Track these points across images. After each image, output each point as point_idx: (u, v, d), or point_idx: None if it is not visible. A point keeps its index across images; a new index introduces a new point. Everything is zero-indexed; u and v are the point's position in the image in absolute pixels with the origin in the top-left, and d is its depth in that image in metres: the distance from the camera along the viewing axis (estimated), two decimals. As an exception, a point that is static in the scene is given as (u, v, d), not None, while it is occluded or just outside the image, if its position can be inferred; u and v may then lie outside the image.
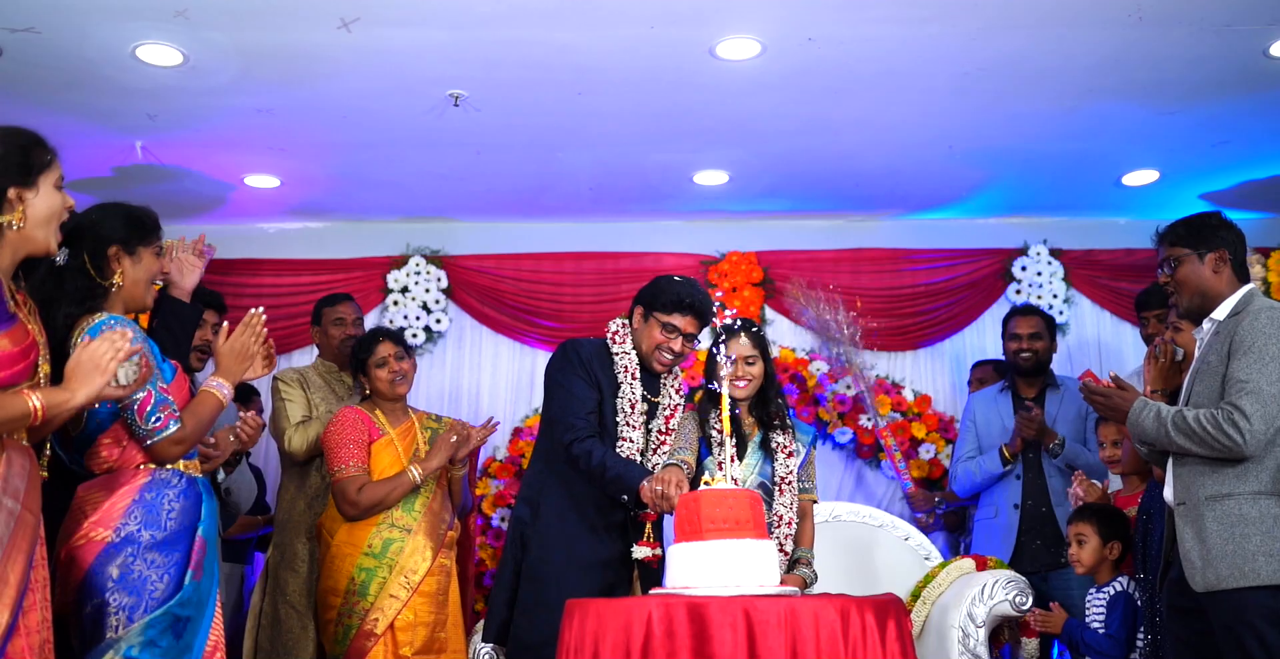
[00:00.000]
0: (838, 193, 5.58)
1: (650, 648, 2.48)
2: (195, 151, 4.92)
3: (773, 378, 3.57)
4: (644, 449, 3.55)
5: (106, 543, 2.42)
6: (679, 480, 3.13)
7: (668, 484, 3.10)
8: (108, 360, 2.20)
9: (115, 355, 2.20)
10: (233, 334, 2.73)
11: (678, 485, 3.09)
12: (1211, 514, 2.81)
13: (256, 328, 2.73)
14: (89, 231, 2.61)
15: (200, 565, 2.49)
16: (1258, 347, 2.80)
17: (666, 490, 3.09)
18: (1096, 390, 3.09)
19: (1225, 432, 2.76)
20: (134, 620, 2.37)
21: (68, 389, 2.18)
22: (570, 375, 3.51)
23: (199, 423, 2.59)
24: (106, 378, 2.20)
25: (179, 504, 2.51)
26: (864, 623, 2.53)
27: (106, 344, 2.21)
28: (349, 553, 3.67)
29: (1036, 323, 4.73)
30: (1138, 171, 5.39)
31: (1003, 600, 3.83)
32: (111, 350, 2.21)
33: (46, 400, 2.14)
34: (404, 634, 3.61)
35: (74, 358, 2.21)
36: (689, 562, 2.73)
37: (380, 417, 3.84)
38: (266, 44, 3.97)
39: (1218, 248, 3.00)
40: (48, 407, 2.14)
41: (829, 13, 3.85)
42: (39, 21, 3.77)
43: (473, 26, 3.88)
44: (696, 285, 3.60)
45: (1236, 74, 4.33)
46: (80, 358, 2.20)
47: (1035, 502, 4.54)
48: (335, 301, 4.49)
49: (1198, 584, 2.81)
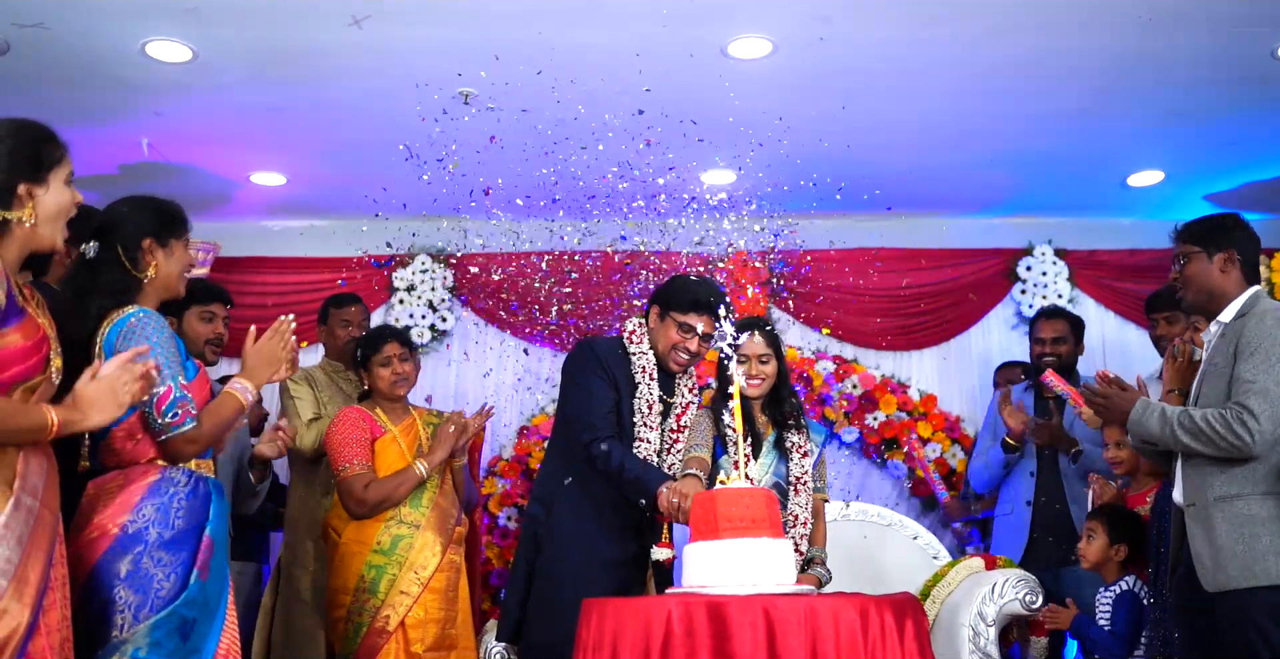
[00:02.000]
0: (845, 193, 5.57)
1: (670, 647, 2.46)
2: (202, 149, 4.91)
3: (785, 377, 3.57)
4: (660, 449, 3.54)
5: (115, 539, 2.40)
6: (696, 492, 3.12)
7: (684, 498, 3.10)
8: (124, 391, 2.22)
9: (131, 385, 2.22)
10: (261, 339, 2.72)
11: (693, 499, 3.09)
12: (1221, 515, 2.82)
13: (286, 334, 2.72)
14: (122, 225, 2.60)
15: (207, 566, 2.47)
16: (1264, 348, 2.81)
17: (683, 504, 3.08)
18: (1096, 392, 3.09)
19: (1234, 431, 2.77)
20: (140, 620, 2.35)
21: (80, 410, 2.19)
22: (589, 374, 3.50)
23: (217, 423, 2.57)
24: (122, 409, 2.23)
25: (187, 503, 2.49)
26: (883, 622, 2.52)
27: (126, 374, 2.23)
28: (358, 551, 3.65)
29: (1061, 326, 4.69)
30: (1143, 172, 5.40)
31: (1013, 599, 3.83)
32: (130, 378, 2.22)
33: (63, 418, 2.16)
34: (415, 631, 3.60)
35: (86, 382, 2.22)
36: (706, 560, 2.72)
37: (381, 415, 3.83)
38: (276, 41, 3.96)
39: (1227, 248, 3.01)
40: (63, 424, 2.16)
41: (840, 13, 3.85)
42: (48, 17, 3.76)
43: (484, 25, 3.87)
44: (714, 285, 3.60)
45: (1243, 76, 4.34)
46: (100, 385, 2.21)
47: (1049, 498, 4.52)
48: (343, 303, 4.48)
49: (1209, 585, 2.82)
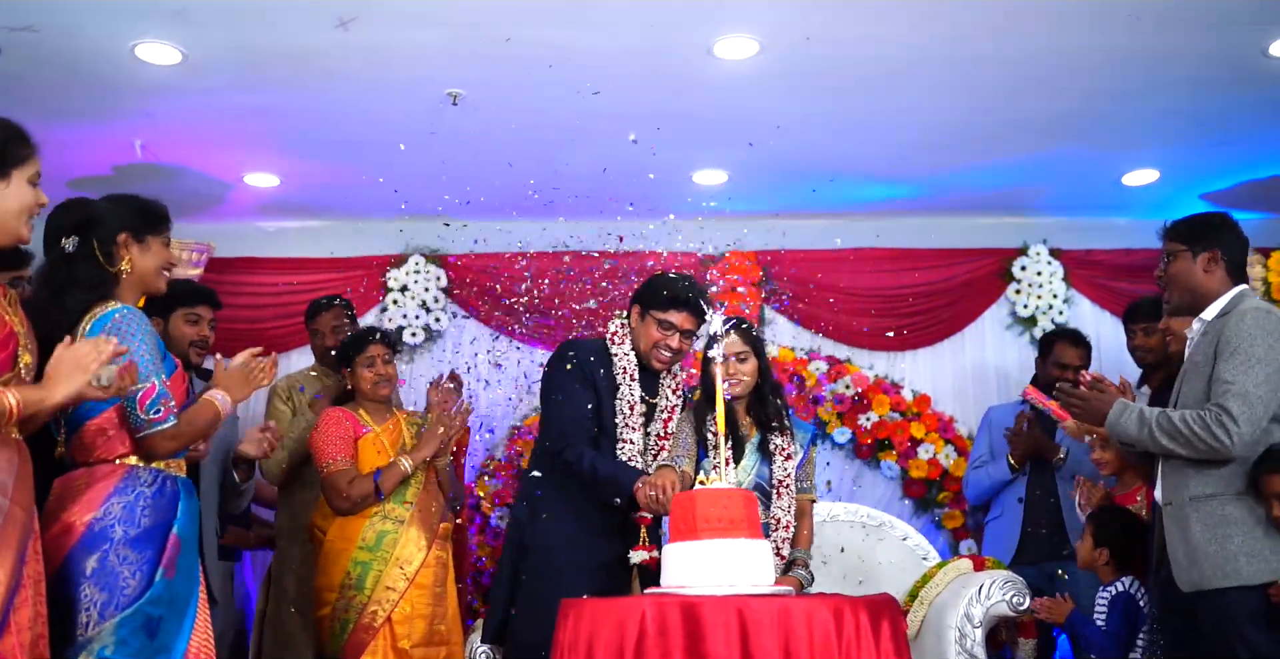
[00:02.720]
0: (837, 192, 5.57)
1: (644, 647, 2.48)
2: (195, 150, 4.92)
3: (768, 376, 3.55)
4: (643, 451, 3.54)
5: (81, 536, 2.41)
6: (673, 482, 3.12)
7: (661, 488, 3.10)
8: (90, 361, 2.21)
9: (98, 357, 2.22)
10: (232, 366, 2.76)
11: (672, 486, 3.09)
12: (1196, 514, 2.82)
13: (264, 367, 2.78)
14: (99, 220, 2.64)
15: (173, 564, 2.48)
16: (1243, 348, 2.80)
17: (660, 495, 3.09)
18: (1073, 394, 3.08)
19: (1213, 433, 2.76)
20: (105, 618, 2.36)
21: (46, 387, 2.20)
22: (566, 379, 3.51)
23: (194, 428, 2.61)
24: (87, 376, 2.21)
25: (153, 501, 2.51)
26: (858, 623, 2.53)
27: (90, 346, 2.23)
28: (343, 548, 3.67)
29: (1085, 355, 4.71)
30: (1138, 171, 5.38)
31: (1000, 601, 3.82)
32: (95, 352, 2.22)
33: (23, 397, 2.16)
34: (402, 627, 3.62)
35: (56, 356, 2.22)
36: (684, 561, 2.73)
37: (364, 415, 3.86)
38: (264, 43, 3.97)
39: (1211, 247, 3.01)
40: (24, 404, 2.16)
41: (827, 12, 3.84)
42: (37, 20, 3.77)
43: (470, 26, 3.88)
44: (692, 281, 3.59)
45: (1236, 73, 4.32)
46: (63, 357, 2.22)
47: (1043, 492, 4.53)
48: (321, 309, 4.50)
49: (1183, 584, 2.82)
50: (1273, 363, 2.77)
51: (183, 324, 3.70)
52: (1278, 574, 2.71)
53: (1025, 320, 5.89)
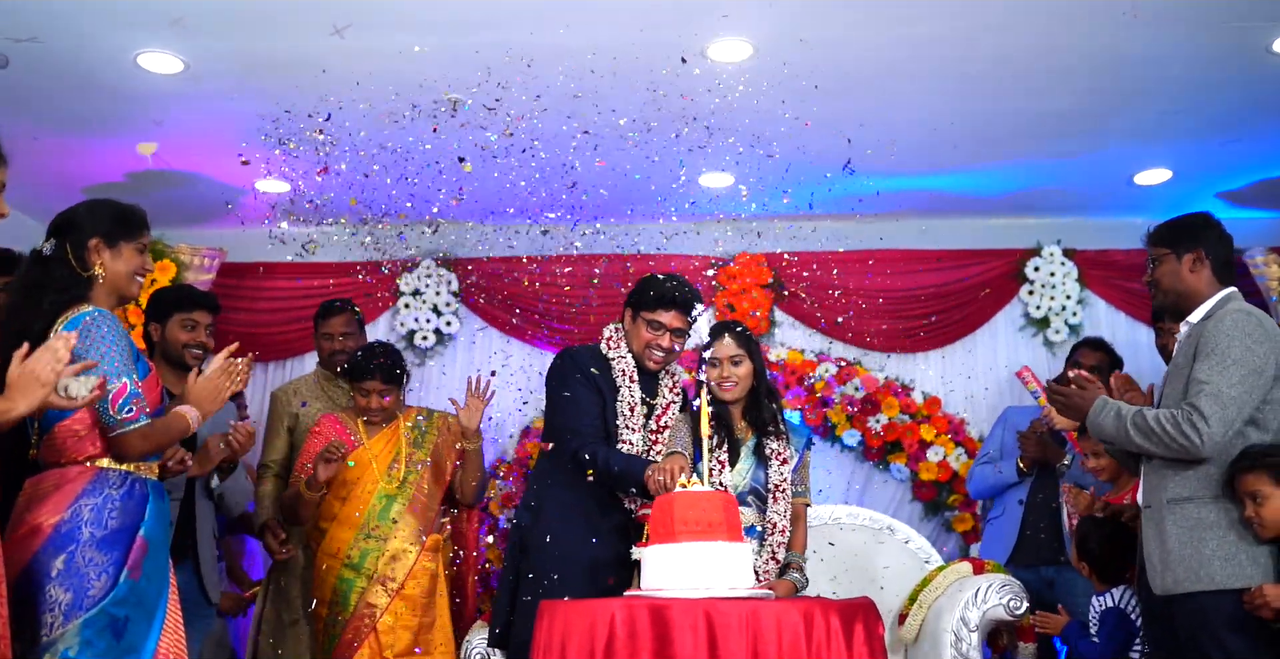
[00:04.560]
0: (846, 194, 5.54)
1: (613, 649, 2.50)
2: (205, 157, 4.99)
3: (764, 379, 3.55)
4: (643, 450, 3.55)
5: (49, 537, 2.45)
6: (682, 466, 3.14)
7: (670, 472, 3.10)
8: (47, 372, 2.24)
9: (55, 366, 2.24)
10: (205, 375, 2.78)
11: (681, 471, 3.10)
12: (1172, 517, 2.80)
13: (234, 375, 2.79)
14: (74, 224, 2.69)
15: (139, 565, 2.51)
16: (1220, 349, 2.77)
17: (667, 480, 3.09)
18: (1057, 390, 3.06)
19: (1184, 432, 2.73)
20: (70, 619, 2.39)
21: (9, 399, 2.23)
22: (571, 382, 3.54)
23: (167, 435, 2.65)
24: (46, 390, 2.24)
25: (121, 503, 2.54)
26: (829, 626, 2.53)
27: (48, 355, 2.26)
28: (331, 565, 3.77)
29: (1102, 357, 4.65)
30: (1149, 170, 5.31)
31: (996, 604, 3.78)
32: (51, 361, 2.25)
33: None
34: (386, 637, 3.68)
35: (14, 368, 2.26)
36: (661, 564, 2.75)
37: (360, 427, 3.90)
38: (264, 51, 4.03)
39: (1194, 248, 2.98)
40: None
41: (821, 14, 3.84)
42: (41, 31, 3.84)
43: (463, 31, 3.92)
44: (680, 280, 3.61)
45: (1240, 72, 4.26)
46: (22, 369, 2.25)
47: (1046, 496, 4.50)
48: (326, 315, 4.54)
49: (1157, 587, 2.79)
50: (1249, 365, 2.74)
51: (178, 329, 3.74)
52: (1252, 579, 2.68)
53: (1038, 322, 5.83)
